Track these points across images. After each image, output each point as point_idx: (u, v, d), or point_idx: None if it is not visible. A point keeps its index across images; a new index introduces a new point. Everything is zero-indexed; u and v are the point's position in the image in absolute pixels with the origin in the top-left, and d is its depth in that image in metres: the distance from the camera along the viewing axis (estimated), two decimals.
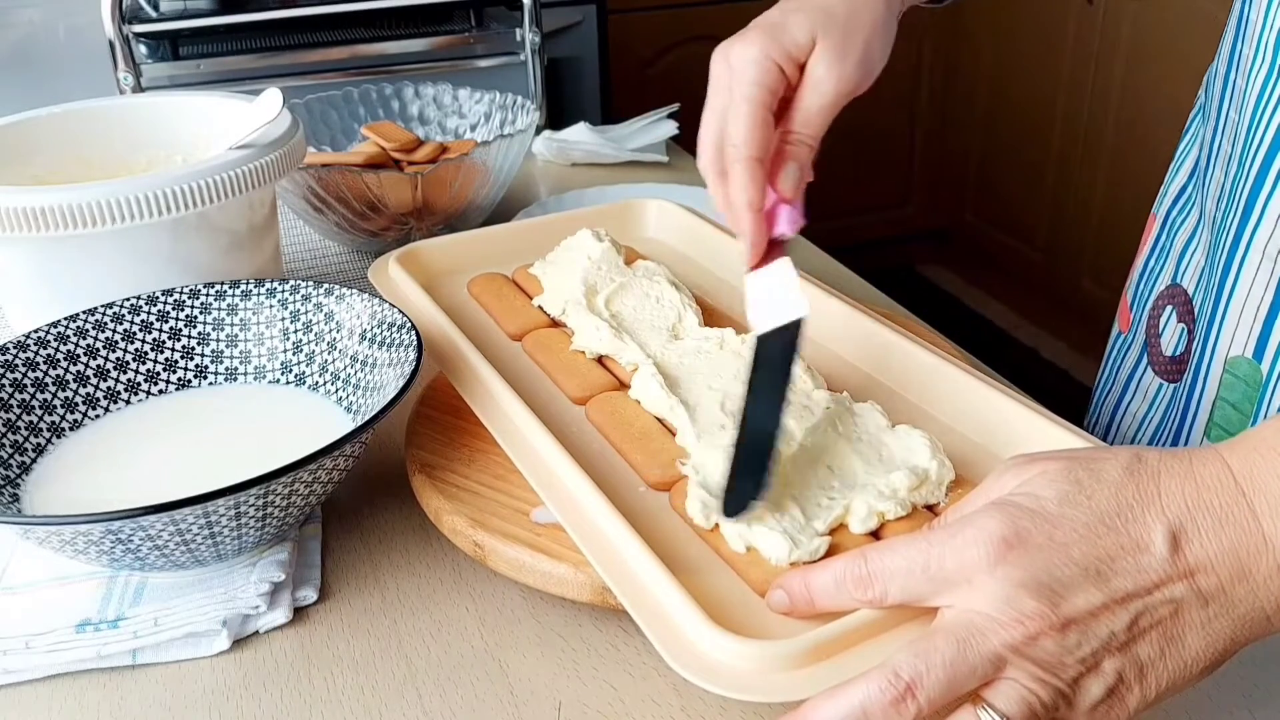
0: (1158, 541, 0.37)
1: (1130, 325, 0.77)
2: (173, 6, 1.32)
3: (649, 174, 1.10)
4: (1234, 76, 0.64)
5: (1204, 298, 0.67)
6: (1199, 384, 0.66)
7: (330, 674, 0.48)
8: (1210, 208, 0.67)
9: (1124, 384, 0.78)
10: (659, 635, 0.40)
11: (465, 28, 1.42)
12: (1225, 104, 0.66)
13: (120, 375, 0.60)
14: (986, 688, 0.37)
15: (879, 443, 0.52)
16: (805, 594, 0.42)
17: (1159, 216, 0.76)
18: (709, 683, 0.38)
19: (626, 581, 0.43)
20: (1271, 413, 0.61)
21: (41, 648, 0.48)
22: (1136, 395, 0.76)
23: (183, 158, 0.79)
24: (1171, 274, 0.73)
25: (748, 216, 0.53)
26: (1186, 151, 0.75)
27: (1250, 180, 0.61)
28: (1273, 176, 0.59)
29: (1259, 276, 0.61)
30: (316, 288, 0.62)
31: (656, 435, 0.54)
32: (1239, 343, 0.62)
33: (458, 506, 0.52)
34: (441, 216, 0.89)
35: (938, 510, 0.48)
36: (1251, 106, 0.61)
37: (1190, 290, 0.70)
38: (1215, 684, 0.46)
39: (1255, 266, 0.61)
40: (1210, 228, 0.67)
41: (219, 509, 0.46)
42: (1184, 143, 0.75)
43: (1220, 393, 0.64)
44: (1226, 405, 0.64)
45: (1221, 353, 0.64)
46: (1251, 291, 0.61)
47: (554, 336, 0.64)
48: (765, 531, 0.45)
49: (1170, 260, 0.73)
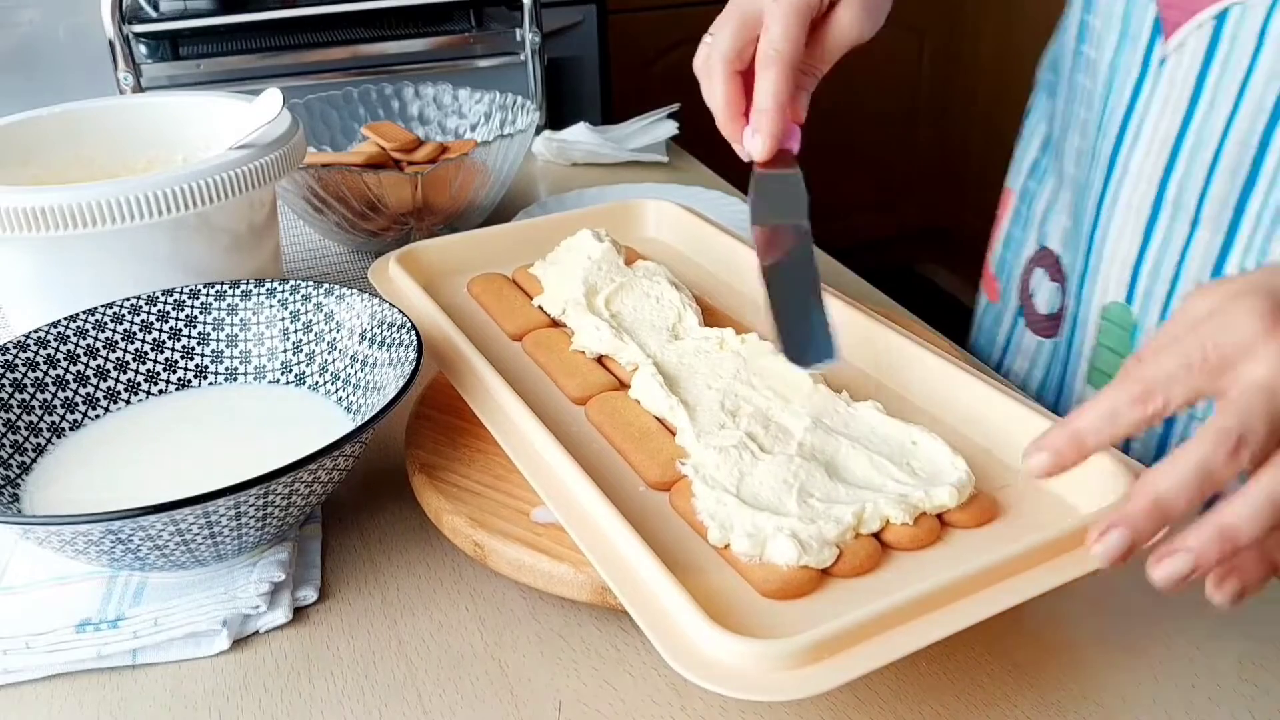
0: None
1: (998, 294, 0.85)
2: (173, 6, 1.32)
3: (649, 174, 1.10)
4: (1085, 48, 0.72)
5: (1073, 255, 0.74)
6: (1078, 334, 0.73)
7: (330, 674, 0.48)
8: (1071, 172, 0.75)
9: (1002, 347, 0.85)
10: (659, 634, 0.40)
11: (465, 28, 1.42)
12: (1078, 75, 0.73)
13: (120, 375, 0.60)
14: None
15: (884, 442, 0.52)
16: (1074, 442, 0.41)
17: (1015, 190, 0.84)
18: (709, 682, 0.38)
19: (626, 581, 0.43)
20: None
21: (41, 648, 0.48)
22: (1017, 356, 0.83)
23: (183, 158, 0.79)
24: (1036, 239, 0.80)
25: (776, 113, 0.56)
26: (1033, 129, 0.83)
27: (1110, 140, 0.68)
28: (1131, 135, 0.66)
29: (1126, 228, 0.67)
30: (316, 288, 0.62)
31: (656, 435, 0.54)
32: (1112, 291, 0.69)
33: (458, 506, 0.52)
34: (441, 216, 0.89)
35: (945, 518, 0.48)
36: (1105, 74, 0.68)
37: (1058, 251, 0.77)
38: (1215, 684, 0.46)
39: (1122, 219, 0.67)
40: (1073, 190, 0.74)
41: (219, 509, 0.46)
42: (1029, 120, 0.83)
43: (1099, 340, 0.71)
44: (1105, 350, 0.70)
45: (1097, 302, 0.70)
46: (1120, 242, 0.68)
47: (554, 336, 0.64)
48: (774, 533, 0.45)
49: (1033, 227, 0.81)
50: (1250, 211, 0.61)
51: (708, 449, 0.51)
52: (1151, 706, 0.45)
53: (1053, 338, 0.78)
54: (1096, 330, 0.71)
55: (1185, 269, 0.65)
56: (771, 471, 0.49)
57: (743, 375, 0.57)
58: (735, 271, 0.71)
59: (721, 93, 0.59)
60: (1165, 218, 0.65)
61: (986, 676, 0.47)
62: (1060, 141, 0.76)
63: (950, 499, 0.48)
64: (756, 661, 0.39)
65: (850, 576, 0.45)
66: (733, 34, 0.58)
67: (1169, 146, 0.64)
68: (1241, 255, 0.62)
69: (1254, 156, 0.60)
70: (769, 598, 0.44)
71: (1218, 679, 0.47)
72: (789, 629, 0.40)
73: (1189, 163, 0.63)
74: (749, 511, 0.47)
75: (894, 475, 0.49)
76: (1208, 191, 0.63)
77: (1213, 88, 0.61)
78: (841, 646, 0.39)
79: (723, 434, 0.52)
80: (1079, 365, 0.73)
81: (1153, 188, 0.65)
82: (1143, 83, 0.65)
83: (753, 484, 0.49)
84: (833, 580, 0.45)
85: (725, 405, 0.55)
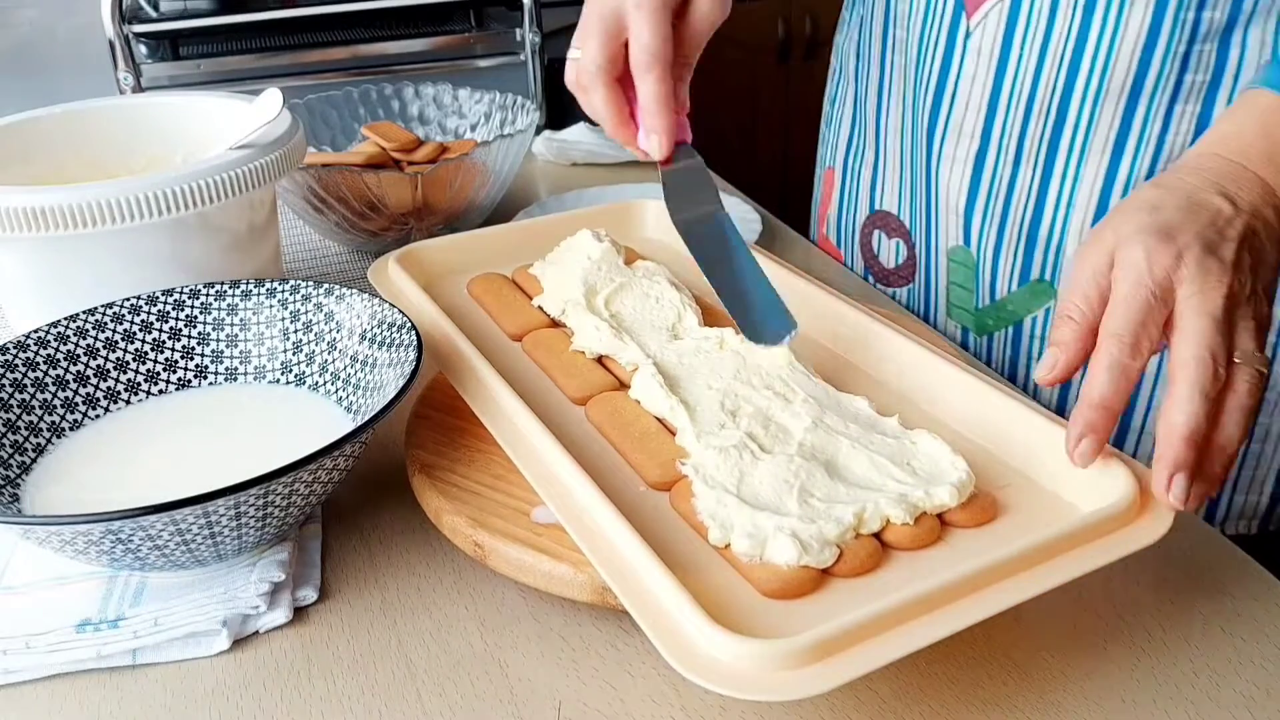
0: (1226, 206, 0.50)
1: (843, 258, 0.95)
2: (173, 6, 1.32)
3: (649, 174, 1.10)
4: (894, 29, 0.82)
5: (912, 212, 0.85)
6: (932, 278, 0.84)
7: (330, 674, 0.48)
8: (894, 141, 0.85)
9: None
10: (659, 634, 0.40)
11: (465, 28, 1.42)
12: (892, 55, 0.83)
13: (120, 375, 0.60)
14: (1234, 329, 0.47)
15: (884, 442, 0.52)
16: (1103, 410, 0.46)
17: (836, 168, 0.94)
18: (709, 682, 0.38)
19: (627, 581, 0.43)
20: (986, 282, 0.80)
21: (41, 648, 0.48)
22: None
23: (183, 158, 0.79)
24: (867, 205, 0.90)
25: (667, 113, 0.59)
26: (839, 114, 0.93)
27: (928, 107, 0.79)
28: (947, 99, 0.77)
29: (953, 179, 0.79)
30: (316, 288, 0.62)
31: (656, 435, 0.54)
32: (952, 236, 0.81)
33: (458, 506, 0.52)
34: (441, 216, 0.89)
35: (945, 517, 0.48)
36: (915, 48, 0.79)
37: (895, 210, 0.87)
38: (1215, 685, 0.46)
39: (949, 171, 0.79)
40: (899, 154, 0.85)
41: (219, 509, 0.46)
42: (834, 106, 0.95)
43: (949, 279, 0.82)
44: (956, 287, 0.82)
45: (943, 247, 0.82)
46: (951, 192, 0.79)
47: (554, 337, 0.64)
48: (774, 533, 0.45)
49: (861, 196, 0.91)
50: (1062, 146, 0.73)
51: (708, 449, 0.51)
52: (1151, 706, 0.45)
53: (908, 285, 0.88)
54: (946, 273, 0.82)
55: (1012, 206, 0.76)
56: (772, 471, 0.49)
57: (743, 375, 0.57)
58: None
59: (603, 102, 0.61)
60: (989, 164, 0.76)
61: (986, 676, 0.47)
62: (878, 116, 0.86)
63: (950, 498, 0.48)
64: (756, 661, 0.39)
65: (851, 576, 0.45)
66: (600, 45, 0.60)
67: (985, 103, 0.75)
68: (1058, 185, 0.74)
69: (1060, 100, 0.71)
70: (769, 598, 0.44)
71: (1218, 679, 0.47)
72: (789, 629, 0.40)
73: (1005, 114, 0.74)
74: (749, 511, 0.47)
75: (894, 475, 0.49)
76: (1025, 134, 0.74)
77: (1017, 50, 0.72)
78: (841, 647, 0.39)
79: (723, 434, 0.52)
80: (939, 303, 0.84)
81: (975, 141, 0.76)
82: (951, 54, 0.76)
83: (753, 484, 0.49)
84: (833, 580, 0.45)
85: (725, 405, 0.55)
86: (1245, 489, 0.77)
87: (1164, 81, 0.68)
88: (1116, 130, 0.71)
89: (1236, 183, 0.51)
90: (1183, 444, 0.44)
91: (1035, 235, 0.76)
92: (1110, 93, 0.70)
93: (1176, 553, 0.53)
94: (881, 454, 0.51)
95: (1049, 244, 0.75)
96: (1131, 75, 0.69)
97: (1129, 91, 0.69)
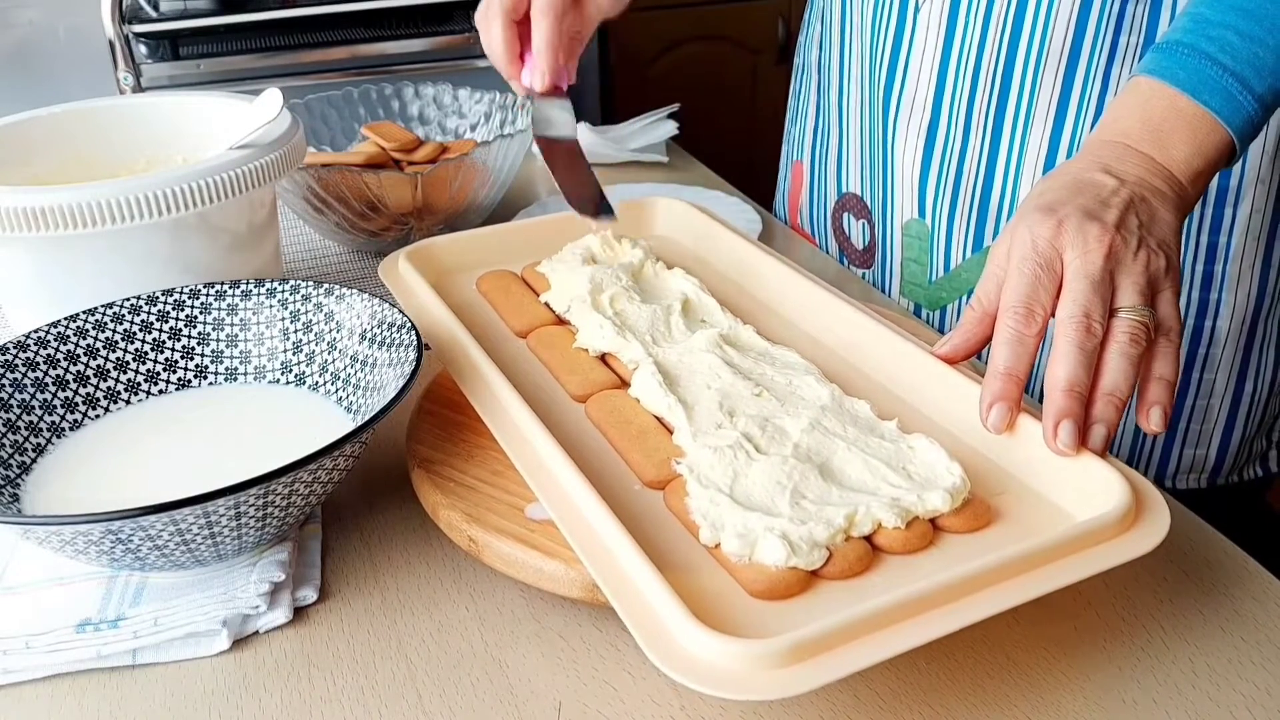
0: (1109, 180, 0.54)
1: (817, 243, 0.98)
2: (173, 6, 1.32)
3: (649, 174, 1.10)
4: (850, 14, 0.86)
5: (873, 191, 0.88)
6: (888, 256, 0.87)
7: (330, 674, 0.48)
8: (854, 123, 0.89)
9: None
10: (643, 631, 0.40)
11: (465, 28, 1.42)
12: (847, 39, 0.87)
13: (120, 375, 0.60)
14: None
15: (880, 445, 0.52)
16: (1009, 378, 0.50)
17: (805, 161, 0.98)
18: (691, 679, 0.38)
19: (613, 578, 0.43)
20: (940, 256, 0.83)
21: (41, 648, 0.48)
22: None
23: (183, 158, 0.79)
24: (836, 190, 0.94)
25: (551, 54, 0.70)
26: (804, 109, 0.98)
27: (882, 83, 0.82)
28: (899, 73, 0.81)
29: (908, 152, 0.82)
30: (316, 288, 0.62)
31: (654, 434, 0.54)
32: (907, 210, 0.84)
33: (454, 501, 0.52)
34: (441, 216, 0.89)
35: (938, 522, 0.48)
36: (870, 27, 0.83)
37: (859, 192, 0.91)
38: (1215, 684, 0.46)
39: (903, 145, 0.82)
40: (860, 140, 0.89)
41: (219, 509, 0.46)
42: (797, 102, 0.99)
43: (904, 255, 0.85)
44: (910, 263, 0.85)
45: (899, 223, 0.85)
46: (906, 165, 0.82)
47: (558, 334, 0.64)
48: (764, 534, 0.45)
49: (829, 183, 0.94)
50: (1009, 113, 0.76)
51: (703, 448, 0.51)
52: (1151, 706, 0.45)
53: (870, 266, 0.92)
54: (902, 248, 0.85)
55: (964, 175, 0.79)
56: (765, 472, 0.49)
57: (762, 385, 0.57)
58: (745, 271, 0.71)
59: (500, 38, 0.71)
60: (941, 135, 0.79)
61: (986, 676, 0.47)
62: (840, 105, 0.90)
63: (943, 503, 0.47)
64: (738, 661, 0.38)
65: (839, 579, 0.45)
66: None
67: (935, 75, 0.78)
68: (1006, 152, 0.77)
69: (1004, 67, 0.75)
70: (757, 598, 0.44)
71: (1218, 679, 0.47)
72: (774, 629, 0.40)
73: (954, 84, 0.78)
74: (741, 511, 0.47)
75: (889, 479, 0.49)
76: (974, 103, 0.77)
77: (963, 20, 0.76)
78: (824, 648, 0.39)
79: (719, 434, 0.52)
80: (894, 282, 0.87)
81: (927, 113, 0.80)
82: (902, 30, 0.80)
83: (746, 484, 0.49)
84: (821, 582, 0.45)
85: (723, 405, 0.55)
86: (1194, 443, 0.79)
87: (1100, 44, 0.72)
88: (1059, 94, 0.74)
89: (1121, 160, 0.55)
90: (1063, 395, 0.48)
91: (987, 203, 0.79)
92: (1050, 55, 0.73)
93: (1176, 553, 0.53)
94: (877, 457, 0.51)
95: (1000, 211, 0.78)
96: (1070, 39, 0.72)
97: (1068, 55, 0.73)
